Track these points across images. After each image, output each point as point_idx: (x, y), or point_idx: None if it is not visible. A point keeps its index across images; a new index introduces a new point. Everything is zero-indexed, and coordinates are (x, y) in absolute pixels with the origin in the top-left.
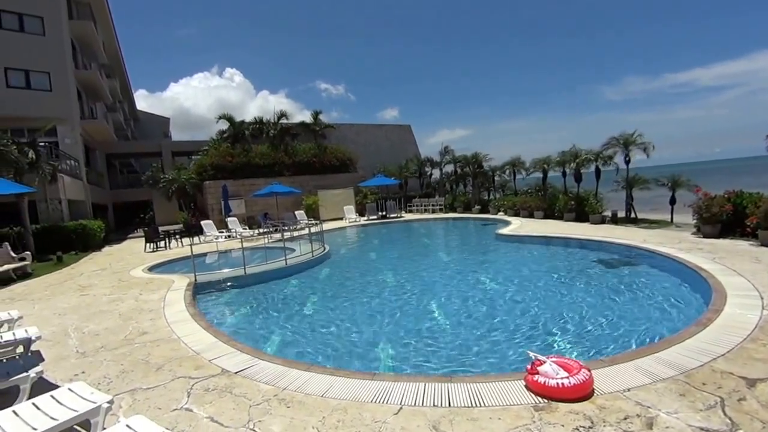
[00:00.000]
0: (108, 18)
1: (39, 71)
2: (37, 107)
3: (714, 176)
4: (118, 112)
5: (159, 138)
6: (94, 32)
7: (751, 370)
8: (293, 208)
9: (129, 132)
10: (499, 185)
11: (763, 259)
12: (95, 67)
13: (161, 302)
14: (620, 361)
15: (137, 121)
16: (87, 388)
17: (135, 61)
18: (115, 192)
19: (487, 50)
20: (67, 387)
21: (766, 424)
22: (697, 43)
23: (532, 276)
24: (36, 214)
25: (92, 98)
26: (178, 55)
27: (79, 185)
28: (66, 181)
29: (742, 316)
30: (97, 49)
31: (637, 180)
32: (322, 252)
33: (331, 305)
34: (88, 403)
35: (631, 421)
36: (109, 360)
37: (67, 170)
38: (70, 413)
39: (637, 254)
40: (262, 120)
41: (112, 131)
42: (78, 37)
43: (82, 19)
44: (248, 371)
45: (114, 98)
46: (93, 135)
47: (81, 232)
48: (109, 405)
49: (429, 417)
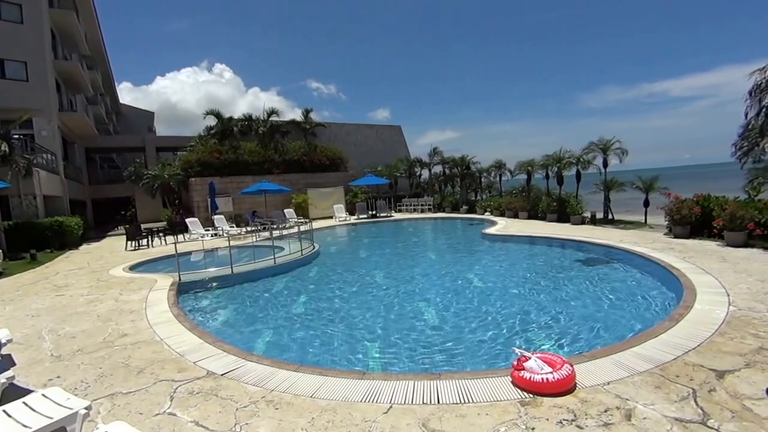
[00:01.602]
0: (91, 8)
1: (15, 60)
2: (12, 97)
3: (684, 181)
4: (100, 105)
5: (143, 133)
6: (75, 22)
7: (720, 363)
8: (282, 206)
9: (111, 126)
10: (486, 186)
11: (729, 258)
12: (76, 58)
13: (143, 303)
14: (600, 356)
15: (120, 115)
16: (63, 393)
17: (120, 53)
18: (95, 188)
19: (478, 55)
20: (41, 393)
21: (734, 413)
22: (670, 55)
23: (516, 274)
24: (8, 210)
25: (72, 90)
26: (166, 49)
27: (55, 180)
28: (42, 176)
29: (710, 312)
30: (78, 39)
31: (614, 183)
32: (312, 251)
33: (320, 304)
34: (64, 410)
35: (611, 413)
36: (87, 364)
37: (43, 164)
38: (45, 421)
39: (615, 253)
40: (252, 117)
41: (92, 124)
42: (59, 26)
43: (63, 9)
44: (235, 373)
45: (95, 91)
46: (72, 128)
47: (57, 230)
48: (87, 411)
49: (418, 415)
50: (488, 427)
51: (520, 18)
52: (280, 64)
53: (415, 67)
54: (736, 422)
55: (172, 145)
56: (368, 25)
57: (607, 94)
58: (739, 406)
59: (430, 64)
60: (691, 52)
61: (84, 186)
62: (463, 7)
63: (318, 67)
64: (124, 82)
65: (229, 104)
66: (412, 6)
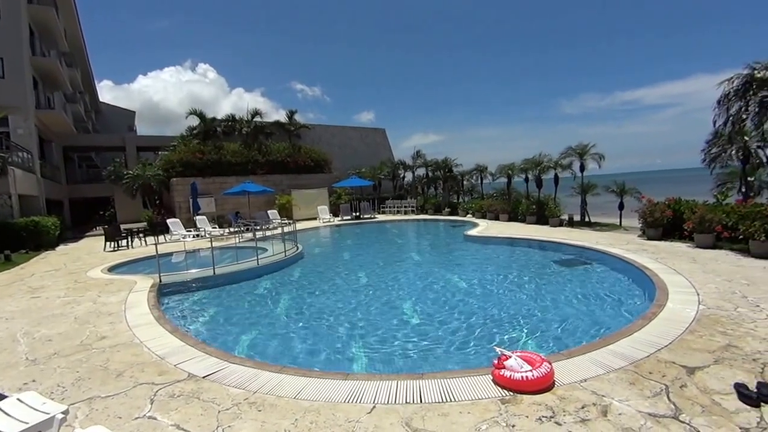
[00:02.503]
0: (71, 4)
1: None
2: None
3: (656, 185)
4: (79, 103)
5: (123, 132)
6: (55, 18)
7: (691, 360)
8: (266, 207)
9: (90, 124)
10: (468, 189)
11: (699, 259)
12: (55, 54)
13: (122, 305)
14: (577, 354)
15: (99, 114)
16: (38, 397)
17: (101, 50)
18: (73, 187)
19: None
20: (16, 397)
21: (704, 407)
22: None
23: (497, 274)
24: None
25: (50, 87)
26: (148, 48)
27: (31, 179)
28: (17, 175)
29: (682, 311)
30: (57, 36)
31: (590, 187)
32: (295, 252)
33: (303, 305)
34: (40, 414)
35: (588, 409)
36: (64, 367)
37: (19, 163)
38: (20, 426)
39: (591, 254)
40: (235, 117)
41: (70, 123)
42: (37, 22)
43: (42, 4)
44: (217, 375)
45: (74, 88)
46: (49, 126)
47: (33, 230)
48: (64, 416)
49: (402, 414)
50: (470, 425)
51: (504, 26)
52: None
53: (399, 71)
54: (705, 416)
55: (154, 145)
56: (354, 28)
57: (585, 101)
58: (708, 401)
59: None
60: (662, 62)
61: (61, 185)
62: (449, 15)
63: (303, 69)
64: (104, 80)
65: (212, 104)
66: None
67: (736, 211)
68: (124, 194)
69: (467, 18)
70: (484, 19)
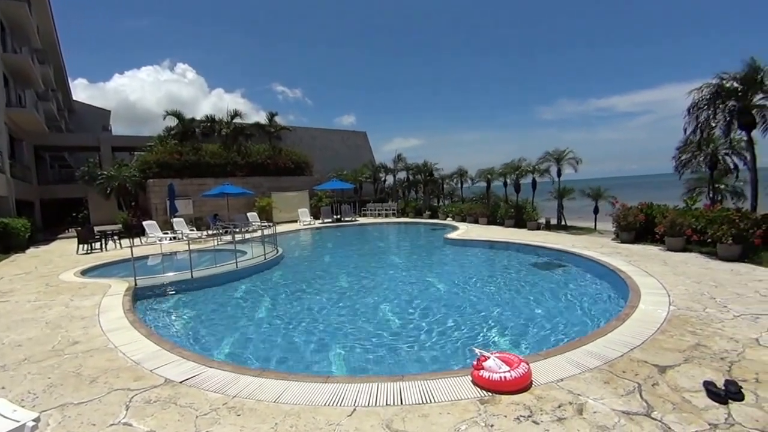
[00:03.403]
0: (45, 0)
1: None
2: None
3: (630, 190)
4: (51, 101)
5: (98, 131)
6: (27, 14)
7: (662, 359)
8: (245, 209)
9: (63, 123)
10: (448, 193)
11: (669, 262)
12: (27, 51)
13: (95, 309)
14: (553, 354)
15: (73, 113)
16: (8, 405)
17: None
18: (45, 188)
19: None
20: None
21: (675, 405)
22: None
23: (476, 277)
24: None
25: (21, 85)
26: (125, 46)
27: (1, 179)
28: None
29: (653, 312)
30: (30, 32)
31: (567, 191)
32: (275, 254)
33: (283, 309)
34: (10, 422)
35: (564, 408)
36: (35, 373)
37: None
38: None
39: (567, 257)
40: (214, 118)
41: (42, 121)
42: (8, 18)
43: (14, 0)
44: (195, 380)
45: (47, 86)
46: (20, 124)
47: (2, 232)
48: (35, 423)
49: (382, 416)
50: (449, 425)
51: (484, 32)
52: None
53: (381, 74)
54: (676, 413)
55: (130, 145)
56: (335, 31)
57: (562, 106)
58: (679, 399)
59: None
60: (634, 71)
61: (32, 186)
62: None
63: (284, 71)
64: (79, 78)
65: (191, 105)
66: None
67: (704, 215)
68: (98, 195)
69: (448, 24)
70: (464, 25)
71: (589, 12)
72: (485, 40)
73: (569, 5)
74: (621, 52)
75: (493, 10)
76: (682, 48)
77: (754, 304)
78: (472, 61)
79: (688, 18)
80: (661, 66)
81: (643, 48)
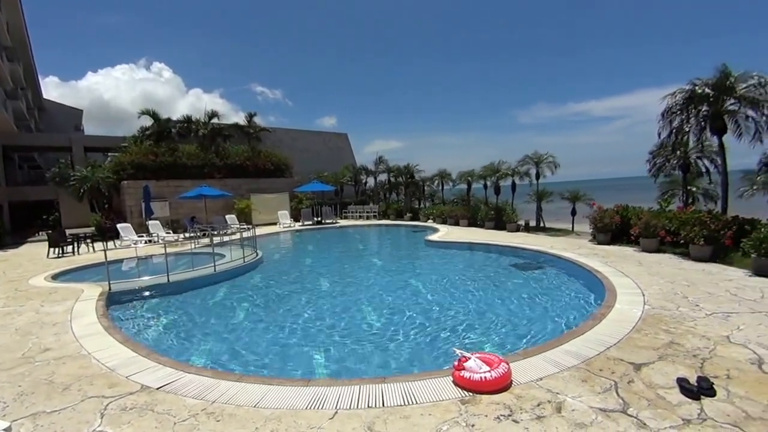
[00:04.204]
0: None
1: None
2: None
3: (606, 192)
4: (20, 99)
5: (69, 131)
6: None
7: (637, 357)
8: (224, 212)
9: (33, 123)
10: (429, 195)
11: (644, 262)
12: None
13: (68, 314)
14: (533, 354)
15: (43, 111)
16: None
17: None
18: (13, 189)
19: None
20: None
21: (650, 401)
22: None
23: (457, 278)
24: None
25: None
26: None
27: None
28: None
29: (629, 311)
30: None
31: (545, 193)
32: (255, 258)
33: (263, 312)
34: None
35: (544, 407)
36: (4, 382)
37: None
38: None
39: (546, 258)
40: (191, 119)
41: (11, 120)
42: None
43: None
44: (172, 386)
45: (16, 84)
46: None
47: None
48: None
49: (364, 418)
50: (431, 426)
51: (462, 37)
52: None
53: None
54: (651, 409)
55: (103, 146)
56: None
57: (540, 111)
58: (653, 395)
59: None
60: (608, 76)
61: (0, 187)
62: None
63: (263, 72)
64: (50, 76)
65: (168, 104)
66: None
67: (677, 217)
68: (70, 197)
69: (427, 29)
70: (444, 29)
71: (564, 18)
72: (464, 44)
73: (545, 11)
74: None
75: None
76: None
77: (725, 303)
78: (453, 64)
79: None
80: (636, 71)
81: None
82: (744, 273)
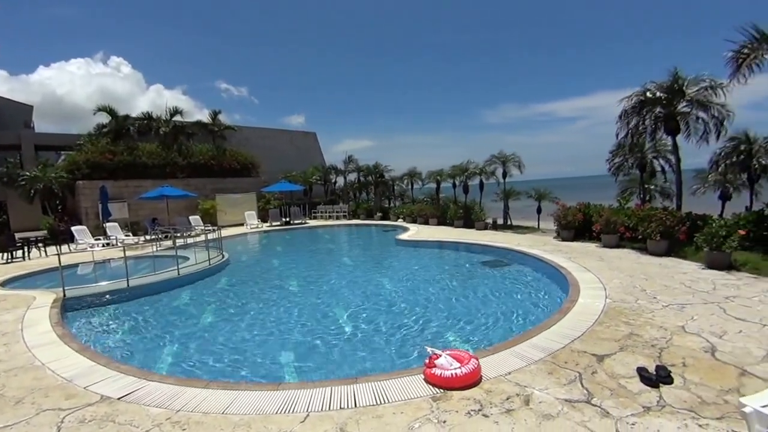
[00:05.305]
0: None
1: None
2: None
3: (569, 190)
4: None
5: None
6: None
7: (600, 348)
8: (188, 213)
9: None
10: (399, 194)
11: (605, 257)
12: None
13: (18, 323)
14: (501, 349)
15: None
16: None
17: None
18: None
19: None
20: None
21: (612, 391)
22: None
23: (427, 276)
24: None
25: None
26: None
27: None
28: None
29: (591, 305)
30: None
31: (512, 192)
32: (221, 260)
33: (229, 316)
34: None
35: (512, 400)
36: None
37: None
38: None
39: (513, 255)
40: (152, 116)
41: None
42: None
43: None
44: (134, 395)
45: None
46: None
47: None
48: None
49: (336, 420)
50: (403, 424)
51: (429, 37)
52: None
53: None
54: (614, 399)
55: (56, 144)
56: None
57: (506, 111)
58: (615, 385)
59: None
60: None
61: None
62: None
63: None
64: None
65: (127, 101)
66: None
67: (635, 214)
68: (19, 198)
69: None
70: (411, 29)
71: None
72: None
73: (509, 13)
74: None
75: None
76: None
77: (680, 295)
78: (422, 65)
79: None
80: (595, 74)
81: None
82: (697, 266)
